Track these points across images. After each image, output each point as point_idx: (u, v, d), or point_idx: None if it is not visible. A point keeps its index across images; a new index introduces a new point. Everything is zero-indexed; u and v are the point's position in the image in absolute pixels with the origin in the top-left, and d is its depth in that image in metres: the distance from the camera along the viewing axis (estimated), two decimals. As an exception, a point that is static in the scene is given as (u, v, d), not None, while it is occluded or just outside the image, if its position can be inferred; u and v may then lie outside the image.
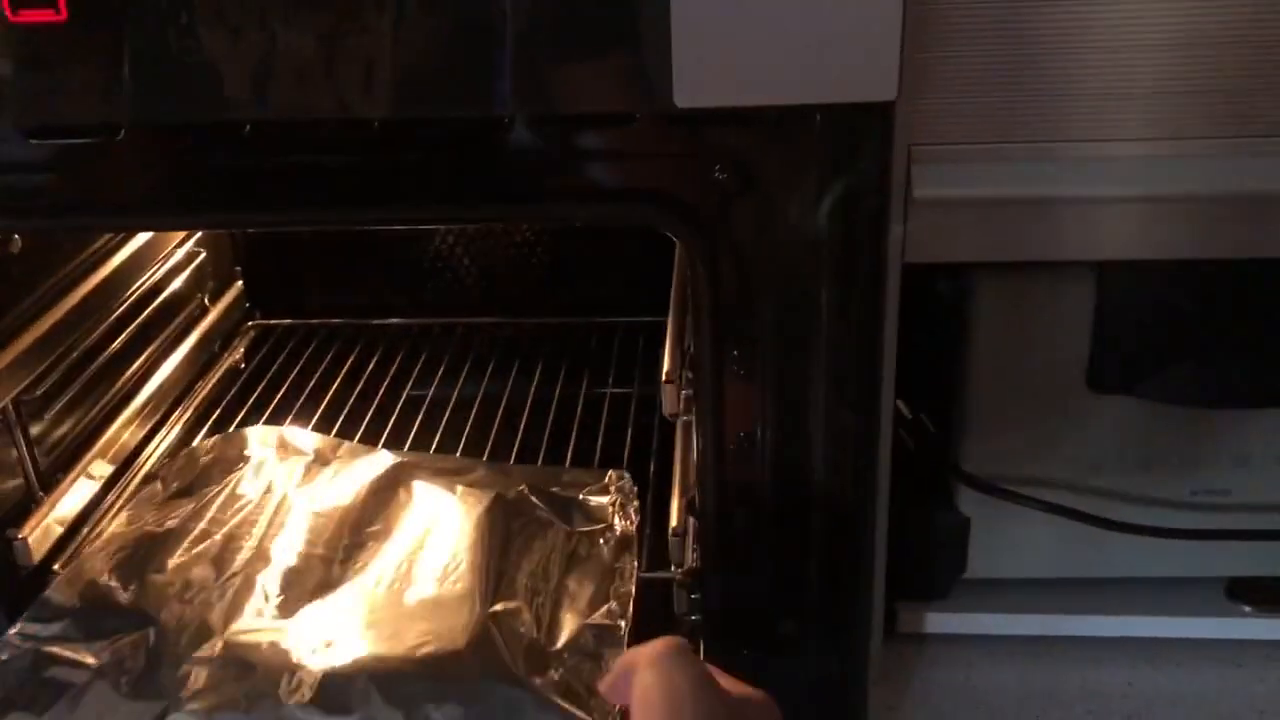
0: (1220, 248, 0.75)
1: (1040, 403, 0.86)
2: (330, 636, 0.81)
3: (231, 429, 1.08)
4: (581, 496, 0.98)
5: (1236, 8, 0.69)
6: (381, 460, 1.01)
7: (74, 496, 0.92)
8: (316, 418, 1.12)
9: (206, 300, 1.17)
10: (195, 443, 1.06)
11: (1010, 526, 0.90)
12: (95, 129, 0.65)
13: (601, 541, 0.93)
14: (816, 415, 0.71)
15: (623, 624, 0.83)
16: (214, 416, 1.14)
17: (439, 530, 0.92)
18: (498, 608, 0.84)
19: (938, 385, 0.91)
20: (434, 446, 1.08)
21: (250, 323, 1.27)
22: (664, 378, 0.77)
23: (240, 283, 1.25)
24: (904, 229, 0.75)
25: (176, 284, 1.09)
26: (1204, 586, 0.94)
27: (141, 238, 1.02)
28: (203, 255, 1.13)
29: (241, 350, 1.23)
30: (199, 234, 1.13)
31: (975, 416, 0.88)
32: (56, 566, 0.89)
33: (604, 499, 0.98)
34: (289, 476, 1.00)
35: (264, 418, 1.12)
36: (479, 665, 0.78)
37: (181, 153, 0.66)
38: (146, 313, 1.04)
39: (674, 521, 0.81)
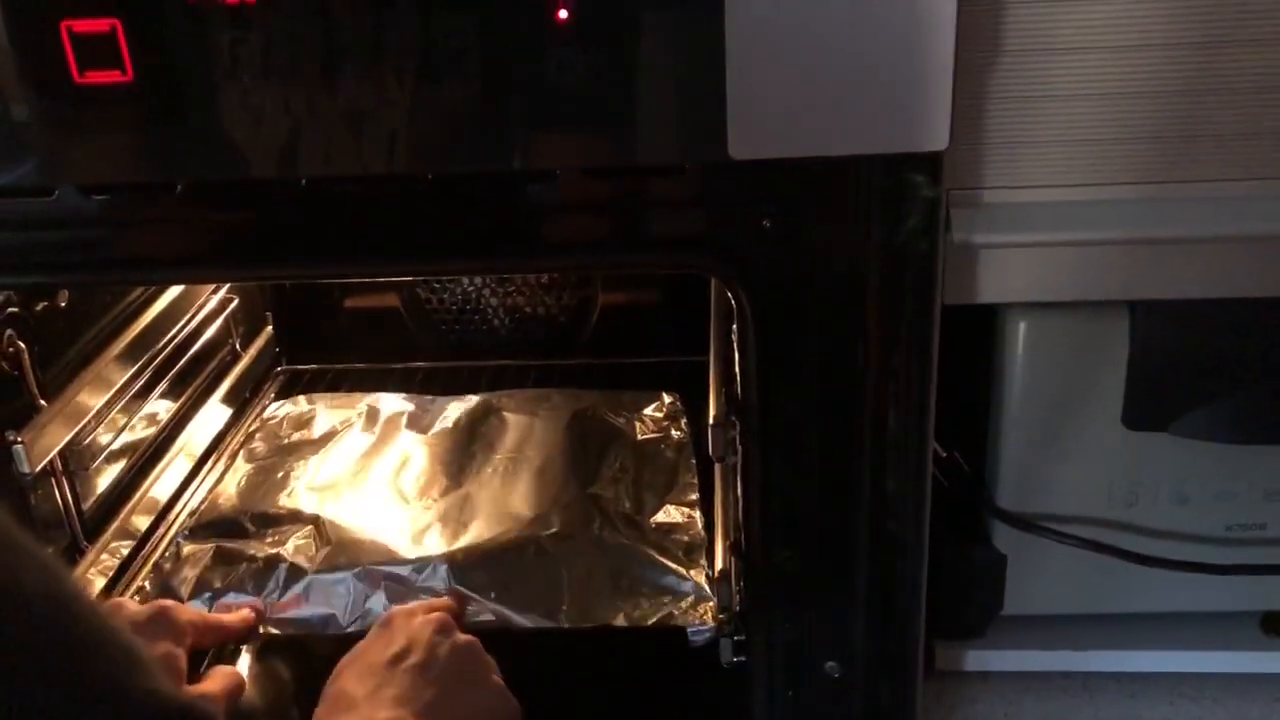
0: (1254, 287, 0.77)
1: (1075, 440, 0.87)
2: (462, 522, 0.99)
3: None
4: (643, 411, 1.17)
5: (1272, 50, 0.70)
6: (470, 399, 1.20)
7: (117, 546, 0.92)
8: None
9: (238, 346, 1.18)
10: (301, 403, 1.21)
11: (1046, 563, 0.91)
12: (152, 186, 0.66)
13: (663, 446, 1.11)
14: (864, 458, 0.72)
15: (695, 510, 1.00)
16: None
17: (532, 440, 1.12)
18: (593, 489, 1.02)
19: (971, 423, 0.92)
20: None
21: (280, 367, 1.28)
22: (710, 421, 0.78)
23: (270, 328, 1.26)
24: (942, 271, 0.77)
25: (210, 332, 1.10)
26: (1240, 620, 0.94)
27: (178, 287, 1.03)
28: (235, 302, 1.14)
29: (273, 395, 1.23)
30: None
31: (1010, 454, 0.88)
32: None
33: (660, 414, 1.17)
34: (400, 419, 1.17)
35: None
36: (588, 530, 0.96)
37: (236, 208, 0.67)
38: (183, 361, 1.04)
39: (719, 564, 0.82)
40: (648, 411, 1.17)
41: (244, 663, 0.97)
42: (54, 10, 0.60)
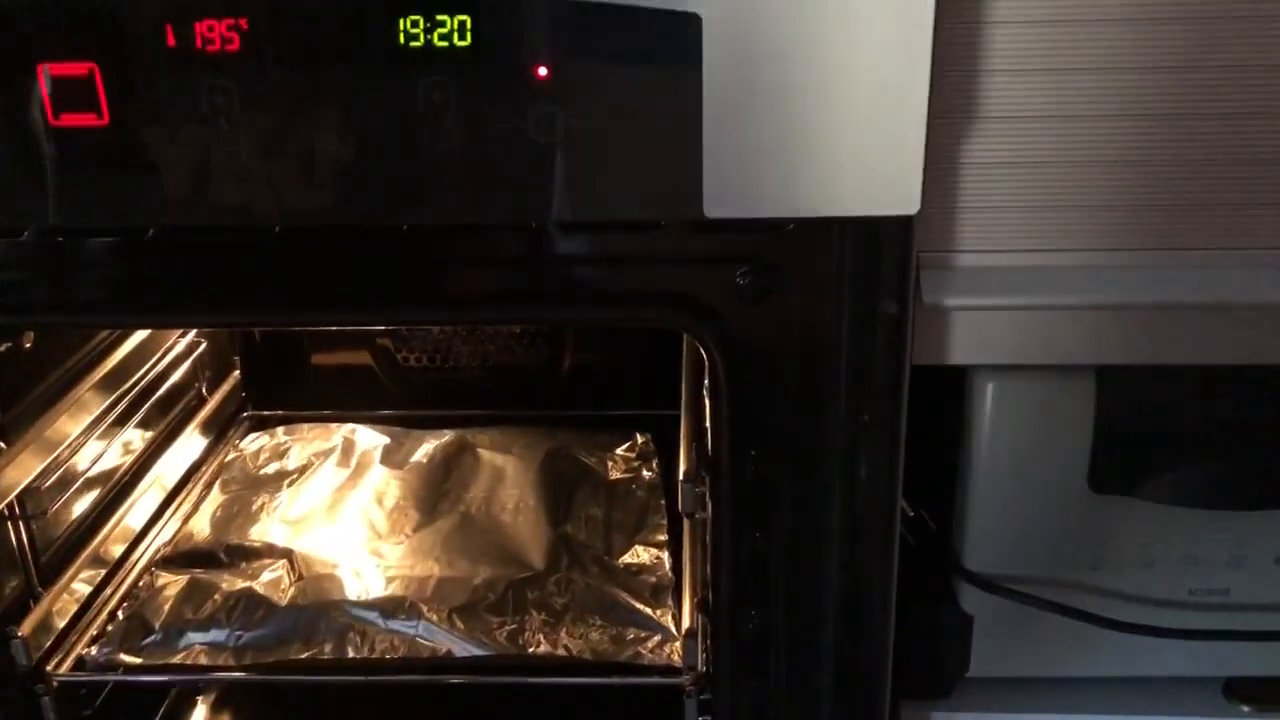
0: (1218, 354, 0.78)
1: (1042, 502, 0.87)
2: (434, 559, 1.00)
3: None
4: (615, 450, 1.18)
5: (1236, 124, 0.72)
6: (445, 434, 1.21)
7: (73, 592, 0.90)
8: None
9: (204, 390, 1.17)
10: (278, 434, 1.22)
11: (1012, 625, 0.91)
12: (123, 230, 0.66)
13: (634, 486, 1.13)
14: (833, 517, 0.72)
15: (664, 552, 1.02)
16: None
17: (506, 479, 1.13)
18: (565, 529, 1.05)
19: (939, 483, 0.92)
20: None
21: (245, 414, 1.27)
22: (681, 476, 0.78)
23: (237, 372, 1.25)
24: (911, 332, 0.77)
25: (177, 375, 1.09)
26: (1202, 686, 0.94)
27: (146, 330, 1.02)
28: (203, 346, 1.14)
29: (238, 441, 1.22)
30: (197, 325, 1.13)
31: (977, 515, 0.88)
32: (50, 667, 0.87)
33: (632, 454, 1.18)
34: (374, 453, 1.19)
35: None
36: (559, 570, 0.98)
37: (208, 254, 0.67)
38: (149, 404, 1.03)
39: (686, 621, 0.81)
40: (620, 451, 1.19)
41: (200, 714, 0.96)
42: (32, 52, 0.59)
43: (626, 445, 1.19)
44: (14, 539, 0.83)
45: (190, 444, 1.14)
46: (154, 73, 0.60)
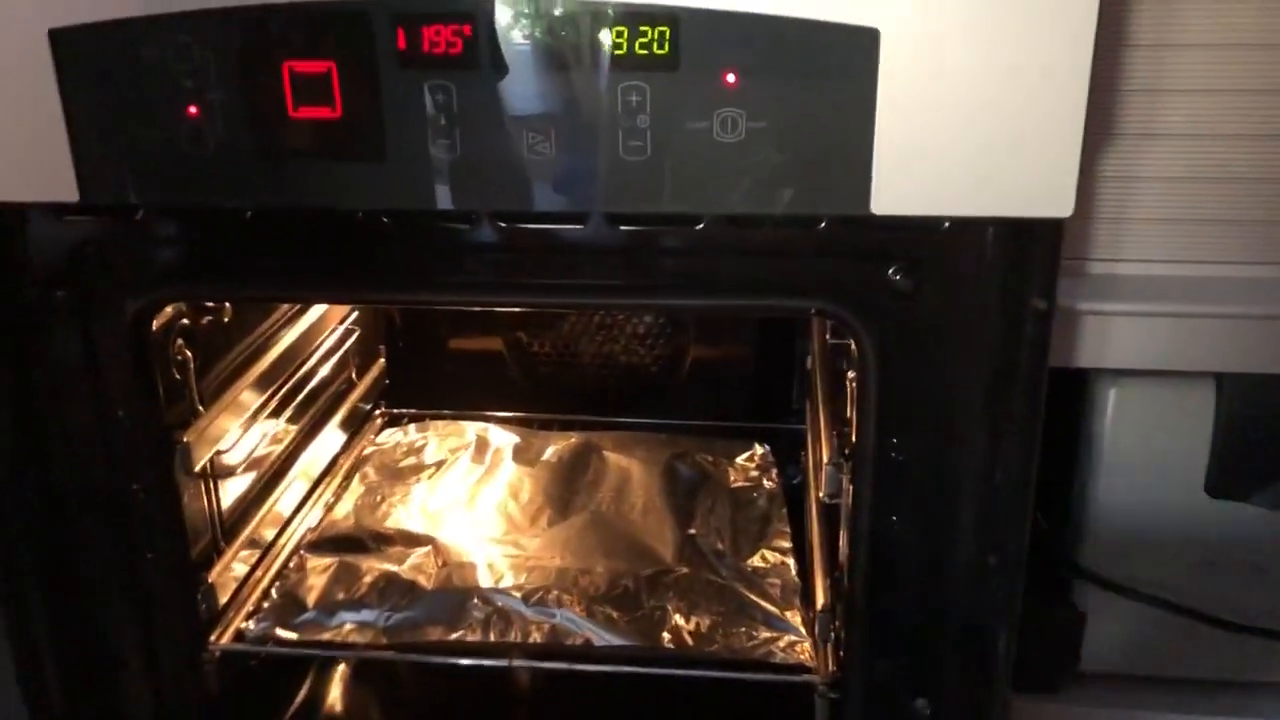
0: (1338, 365, 0.81)
1: (1158, 505, 0.91)
2: (569, 552, 1.05)
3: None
4: (736, 459, 1.23)
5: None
6: (571, 437, 1.27)
7: (230, 570, 0.96)
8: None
9: (354, 375, 1.24)
10: (409, 430, 1.29)
11: (1123, 623, 0.94)
12: (343, 212, 0.73)
13: (755, 495, 1.17)
14: (968, 505, 0.76)
15: (789, 558, 1.05)
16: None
17: (632, 480, 1.19)
18: (692, 530, 1.09)
19: (1049, 483, 0.96)
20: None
21: (378, 411, 1.34)
22: (826, 460, 0.83)
23: (382, 360, 1.32)
24: (1046, 334, 0.82)
25: (333, 360, 1.16)
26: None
27: (314, 313, 1.09)
28: (356, 335, 1.21)
29: (373, 437, 1.29)
30: (356, 312, 1.21)
31: (1095, 515, 0.92)
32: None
33: (751, 464, 1.22)
34: (506, 450, 1.25)
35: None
36: (689, 568, 1.03)
37: (416, 236, 0.74)
38: (310, 385, 1.10)
39: (820, 599, 0.86)
40: (739, 460, 1.23)
41: (337, 687, 1.02)
42: (279, 51, 0.67)
43: (746, 455, 1.24)
44: (204, 497, 0.90)
45: (331, 437, 1.20)
46: (384, 72, 0.67)
